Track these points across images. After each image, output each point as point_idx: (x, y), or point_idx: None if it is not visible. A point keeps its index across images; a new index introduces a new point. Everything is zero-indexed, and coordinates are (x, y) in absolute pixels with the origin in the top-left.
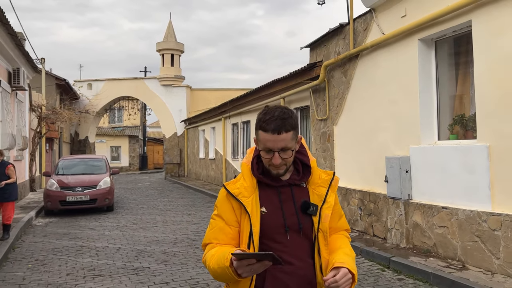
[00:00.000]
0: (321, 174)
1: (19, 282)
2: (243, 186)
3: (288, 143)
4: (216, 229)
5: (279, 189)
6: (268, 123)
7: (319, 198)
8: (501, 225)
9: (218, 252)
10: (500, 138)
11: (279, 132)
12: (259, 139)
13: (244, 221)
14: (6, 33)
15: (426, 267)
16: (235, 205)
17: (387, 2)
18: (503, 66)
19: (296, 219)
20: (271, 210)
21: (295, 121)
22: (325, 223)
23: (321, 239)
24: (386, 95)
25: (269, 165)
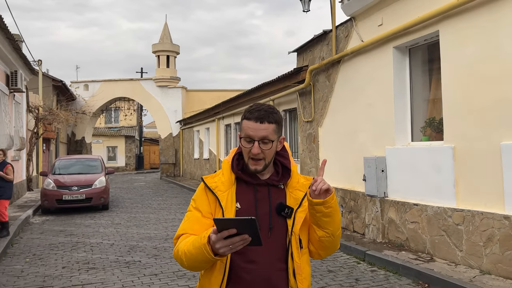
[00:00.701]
0: (300, 179)
1: (18, 274)
2: (221, 180)
3: (269, 134)
4: (193, 219)
5: (256, 187)
6: (252, 112)
7: (295, 202)
8: (463, 220)
9: (193, 237)
10: (463, 140)
11: (261, 121)
12: (242, 128)
13: (218, 215)
14: (4, 37)
15: (397, 259)
16: (211, 198)
17: (365, 12)
18: (466, 74)
19: (268, 218)
20: (246, 207)
21: (279, 118)
22: (298, 226)
23: (293, 242)
24: (365, 99)
25: (248, 159)
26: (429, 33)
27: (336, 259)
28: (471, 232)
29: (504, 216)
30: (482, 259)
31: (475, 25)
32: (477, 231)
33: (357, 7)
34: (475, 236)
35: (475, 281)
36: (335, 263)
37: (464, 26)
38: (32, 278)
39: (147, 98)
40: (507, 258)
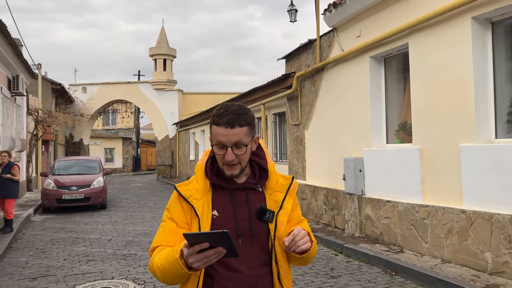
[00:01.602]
0: (279, 179)
1: (23, 265)
2: (195, 188)
3: (242, 138)
4: (167, 230)
5: (233, 192)
6: (221, 117)
7: (276, 204)
8: (428, 214)
9: (167, 249)
10: (429, 142)
11: (232, 126)
12: (212, 135)
13: (194, 224)
14: (7, 44)
15: (370, 251)
16: (185, 207)
17: (345, 23)
18: (431, 82)
19: (249, 224)
20: (223, 214)
21: (250, 118)
22: (281, 230)
23: (277, 247)
24: (345, 104)
25: (223, 164)
26: (401, 45)
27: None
28: (435, 226)
29: (461, 211)
30: (443, 249)
31: (438, 39)
32: (439, 224)
33: (338, 19)
34: (438, 229)
35: (435, 269)
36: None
37: (429, 39)
38: (36, 269)
39: (144, 101)
40: (463, 248)
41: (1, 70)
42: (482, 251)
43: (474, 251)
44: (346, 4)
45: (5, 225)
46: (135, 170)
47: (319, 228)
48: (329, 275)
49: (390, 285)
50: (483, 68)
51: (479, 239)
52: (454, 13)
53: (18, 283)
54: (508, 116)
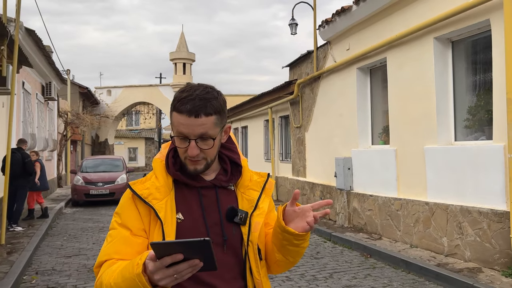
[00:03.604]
0: (253, 176)
1: (58, 247)
2: (155, 186)
3: (209, 129)
4: (119, 239)
5: (200, 190)
6: (183, 102)
7: (250, 204)
8: (401, 206)
9: (122, 265)
10: (402, 144)
11: (196, 115)
12: (173, 123)
13: (155, 230)
14: (42, 55)
15: (352, 238)
16: (142, 210)
17: (337, 38)
18: (403, 92)
19: (220, 229)
20: (190, 217)
21: (221, 104)
22: (255, 233)
23: (251, 254)
24: (337, 109)
25: (185, 158)
26: (380, 58)
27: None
28: (406, 216)
29: (425, 202)
30: (412, 236)
31: (408, 55)
32: (409, 215)
33: (330, 33)
34: (408, 219)
35: (402, 252)
36: None
37: (401, 55)
38: (70, 250)
39: (165, 103)
40: (427, 235)
41: (36, 79)
42: (440, 237)
43: (435, 237)
44: (336, 22)
45: (28, 214)
46: None
47: None
48: (313, 257)
49: (363, 265)
50: (444, 81)
51: (438, 227)
52: (420, 33)
53: (56, 259)
54: (466, 122)
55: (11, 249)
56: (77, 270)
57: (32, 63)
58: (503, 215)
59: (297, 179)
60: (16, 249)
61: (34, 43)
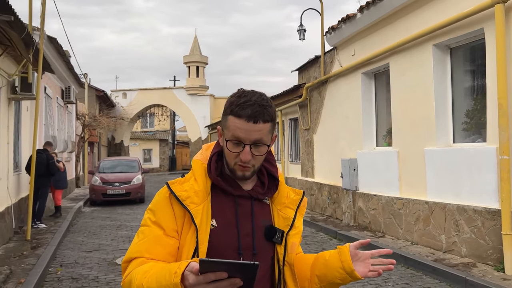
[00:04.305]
0: (289, 193)
1: (79, 243)
2: (194, 189)
3: (264, 136)
4: (151, 238)
5: (237, 199)
6: (243, 107)
7: (286, 222)
8: (403, 206)
9: (156, 266)
10: (404, 146)
11: (255, 121)
12: (228, 127)
13: (188, 235)
14: (62, 60)
15: (357, 236)
16: (178, 211)
17: (343, 43)
18: (405, 96)
19: (252, 242)
20: (223, 224)
21: (274, 112)
22: (292, 254)
23: (288, 274)
24: (343, 112)
25: (235, 164)
26: (384, 64)
27: (315, 237)
28: (407, 215)
29: (425, 202)
30: (413, 234)
31: (409, 61)
32: (410, 213)
33: (337, 39)
34: (409, 217)
35: (403, 249)
36: (313, 239)
37: (403, 61)
38: (90, 245)
39: (178, 105)
40: (427, 232)
41: (56, 83)
42: (439, 234)
43: (434, 234)
44: (342, 28)
45: (56, 211)
46: (171, 170)
47: (323, 219)
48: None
49: None
50: (443, 86)
51: (437, 225)
52: (420, 40)
53: (78, 254)
54: (464, 125)
55: (36, 244)
56: (97, 263)
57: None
58: (495, 213)
59: (306, 180)
60: (41, 244)
61: (55, 49)
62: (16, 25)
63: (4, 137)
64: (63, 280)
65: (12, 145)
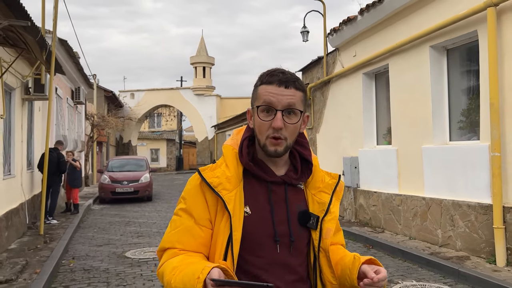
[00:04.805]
0: (324, 176)
1: (90, 238)
2: (225, 175)
3: (297, 102)
4: (182, 229)
5: (270, 185)
6: (274, 74)
7: (321, 207)
8: (401, 202)
9: (184, 263)
10: (402, 144)
11: (287, 86)
12: (259, 95)
13: (222, 222)
14: (72, 62)
15: (357, 231)
16: (210, 199)
17: (345, 45)
18: (404, 96)
19: (287, 228)
20: (257, 212)
21: (305, 89)
22: (327, 240)
23: (323, 260)
24: (345, 112)
25: (266, 137)
26: (383, 65)
27: None
28: (405, 211)
29: (422, 198)
30: (411, 229)
31: (407, 62)
32: (408, 209)
33: (338, 41)
34: (407, 213)
35: (401, 243)
36: None
37: (402, 61)
38: (100, 240)
39: (185, 105)
40: (424, 227)
41: (66, 84)
42: (435, 229)
43: (431, 229)
44: (343, 30)
45: (74, 208)
46: (178, 169)
47: None
48: None
49: (364, 254)
50: (440, 86)
51: (433, 220)
52: (418, 42)
53: (89, 248)
54: (459, 123)
55: (49, 238)
56: (108, 256)
57: (64, 70)
58: (488, 208)
59: None
60: (54, 238)
61: (66, 51)
62: (31, 29)
63: (18, 136)
64: (76, 272)
65: (25, 144)
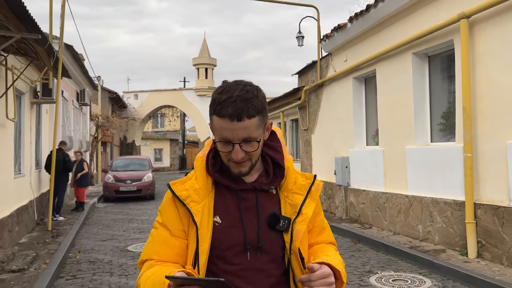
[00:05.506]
0: (298, 178)
1: (95, 233)
2: (193, 187)
3: (252, 132)
4: (158, 241)
5: (240, 193)
6: (224, 105)
7: (293, 209)
8: (387, 199)
9: (156, 273)
10: (388, 145)
11: (239, 119)
12: (215, 128)
13: (191, 234)
14: (77, 65)
15: (346, 227)
16: (182, 211)
17: (337, 50)
18: (389, 100)
19: (257, 234)
20: (228, 220)
21: (262, 102)
22: (296, 242)
23: (294, 263)
24: (337, 114)
25: (228, 161)
26: (372, 70)
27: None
28: (391, 208)
29: (405, 195)
30: (395, 225)
31: (392, 68)
32: (393, 206)
33: (331, 46)
34: (392, 210)
35: (385, 238)
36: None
37: (387, 67)
38: (104, 235)
39: (188, 106)
40: (407, 223)
41: (72, 86)
42: (417, 224)
43: (413, 225)
44: (335, 36)
45: (79, 206)
46: (181, 169)
47: None
48: None
49: (351, 248)
50: (422, 90)
51: (415, 216)
52: (401, 49)
53: (94, 242)
54: (440, 126)
55: (57, 233)
56: (111, 250)
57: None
58: (461, 204)
59: None
60: (61, 233)
61: (71, 56)
62: (41, 41)
63: (27, 137)
64: (82, 263)
65: (34, 145)
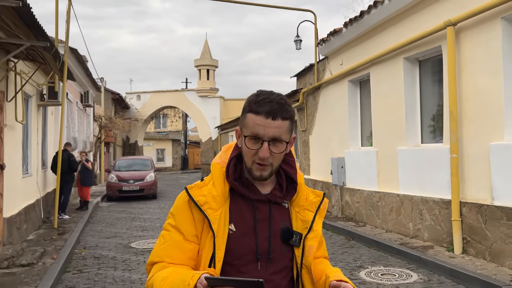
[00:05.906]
0: (309, 195)
1: (99, 231)
2: (212, 194)
3: (282, 133)
4: (171, 244)
5: (255, 203)
6: (261, 104)
7: (304, 225)
8: (380, 198)
9: (174, 274)
10: (382, 146)
11: (274, 117)
12: (247, 124)
13: (206, 240)
14: (81, 68)
15: (341, 225)
16: (197, 216)
17: (333, 54)
18: (382, 102)
19: (267, 246)
20: (242, 230)
21: (293, 111)
22: (309, 258)
23: (305, 277)
24: (333, 116)
25: (253, 162)
26: (366, 73)
27: None
28: (383, 206)
29: (397, 194)
30: (388, 223)
31: (385, 71)
32: (386, 205)
33: (327, 50)
34: (385, 209)
35: (377, 235)
36: None
37: (381, 71)
38: (108, 233)
39: (190, 107)
40: (398, 221)
41: (76, 89)
42: (407, 222)
43: (404, 223)
44: (331, 41)
45: (84, 205)
46: (183, 169)
47: None
48: None
49: (344, 245)
50: (413, 93)
51: (406, 214)
52: (393, 54)
53: (98, 239)
54: (429, 127)
55: (62, 231)
56: (115, 246)
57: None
58: (448, 203)
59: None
60: (66, 231)
61: (75, 59)
62: (49, 47)
63: (34, 139)
64: (87, 259)
65: (40, 145)
